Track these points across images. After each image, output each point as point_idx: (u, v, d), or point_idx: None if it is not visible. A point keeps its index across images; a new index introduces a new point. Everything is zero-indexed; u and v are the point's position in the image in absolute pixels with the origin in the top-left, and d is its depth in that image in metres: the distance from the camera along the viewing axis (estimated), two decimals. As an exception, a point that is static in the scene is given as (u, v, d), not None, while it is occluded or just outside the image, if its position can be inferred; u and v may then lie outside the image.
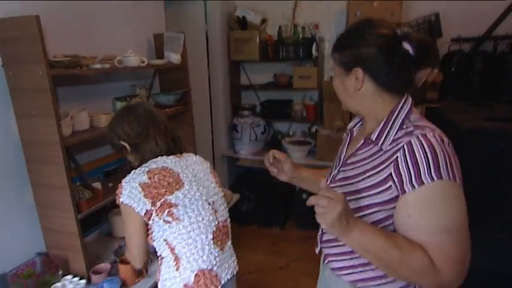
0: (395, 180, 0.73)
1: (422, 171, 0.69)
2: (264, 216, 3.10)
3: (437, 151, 0.70)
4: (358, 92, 0.81)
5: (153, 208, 1.04)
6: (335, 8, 2.97)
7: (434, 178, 0.69)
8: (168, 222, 1.06)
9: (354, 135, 0.95)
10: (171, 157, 1.15)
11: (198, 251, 1.08)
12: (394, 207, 0.75)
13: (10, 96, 1.37)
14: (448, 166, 0.70)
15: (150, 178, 1.06)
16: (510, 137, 1.18)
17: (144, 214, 1.05)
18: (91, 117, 1.63)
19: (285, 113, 3.16)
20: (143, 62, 1.80)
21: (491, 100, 2.47)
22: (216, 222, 1.15)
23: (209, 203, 1.14)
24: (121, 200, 1.06)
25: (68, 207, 1.38)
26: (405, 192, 0.71)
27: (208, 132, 3.19)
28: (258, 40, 2.97)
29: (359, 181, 0.80)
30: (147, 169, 1.09)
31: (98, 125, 1.64)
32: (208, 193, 1.16)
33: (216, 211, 1.16)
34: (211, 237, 1.12)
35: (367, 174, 0.79)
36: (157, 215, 1.05)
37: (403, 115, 0.79)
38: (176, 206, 1.06)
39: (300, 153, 3.01)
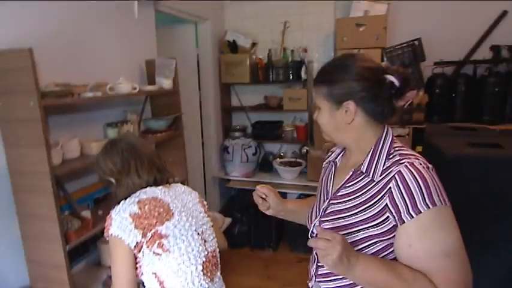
0: (393, 211, 0.75)
1: (417, 200, 0.72)
2: (257, 238, 3.07)
3: (427, 178, 0.73)
4: (349, 124, 0.84)
5: (143, 240, 1.03)
6: (323, 33, 3.07)
7: (430, 205, 0.72)
8: (158, 254, 1.04)
9: (338, 166, 0.97)
10: (160, 187, 1.15)
11: (188, 283, 1.07)
12: (392, 237, 0.77)
13: (-1, 126, 1.36)
14: (438, 192, 0.74)
15: (140, 208, 1.05)
16: (492, 163, 1.22)
17: (135, 246, 1.03)
18: (82, 145, 1.63)
19: (276, 134, 3.20)
20: (135, 88, 1.82)
21: (474, 119, 2.58)
22: (206, 253, 1.14)
23: (198, 233, 1.14)
24: (110, 232, 1.04)
25: (55, 238, 1.36)
26: (404, 222, 0.74)
27: (200, 154, 3.19)
28: (248, 63, 3.03)
29: (354, 214, 0.82)
30: (137, 199, 1.08)
31: (88, 153, 1.63)
32: (197, 223, 1.16)
33: (205, 241, 1.16)
34: (201, 268, 1.11)
35: (362, 207, 0.80)
36: (148, 246, 1.03)
37: (388, 144, 0.82)
38: (166, 237, 1.05)
39: (291, 174, 3.03)
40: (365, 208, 0.80)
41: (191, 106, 3.06)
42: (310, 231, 0.93)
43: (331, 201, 0.90)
